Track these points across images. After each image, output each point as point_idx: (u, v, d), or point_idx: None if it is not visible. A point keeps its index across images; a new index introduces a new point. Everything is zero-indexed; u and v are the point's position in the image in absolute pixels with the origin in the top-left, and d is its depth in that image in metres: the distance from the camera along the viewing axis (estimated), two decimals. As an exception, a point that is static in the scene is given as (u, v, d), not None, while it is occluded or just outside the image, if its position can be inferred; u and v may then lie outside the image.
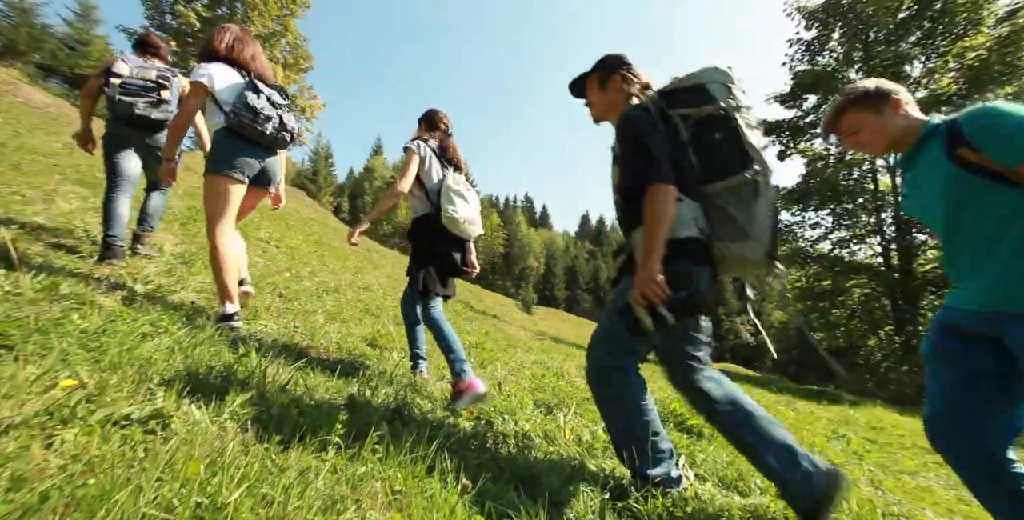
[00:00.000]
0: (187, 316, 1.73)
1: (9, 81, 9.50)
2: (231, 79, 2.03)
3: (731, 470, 1.66)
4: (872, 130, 1.26)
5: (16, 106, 7.84)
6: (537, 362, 4.21)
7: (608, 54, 1.54)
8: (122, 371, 1.03)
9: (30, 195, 3.31)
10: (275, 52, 19.59)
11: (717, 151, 1.34)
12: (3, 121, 6.06)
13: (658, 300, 1.18)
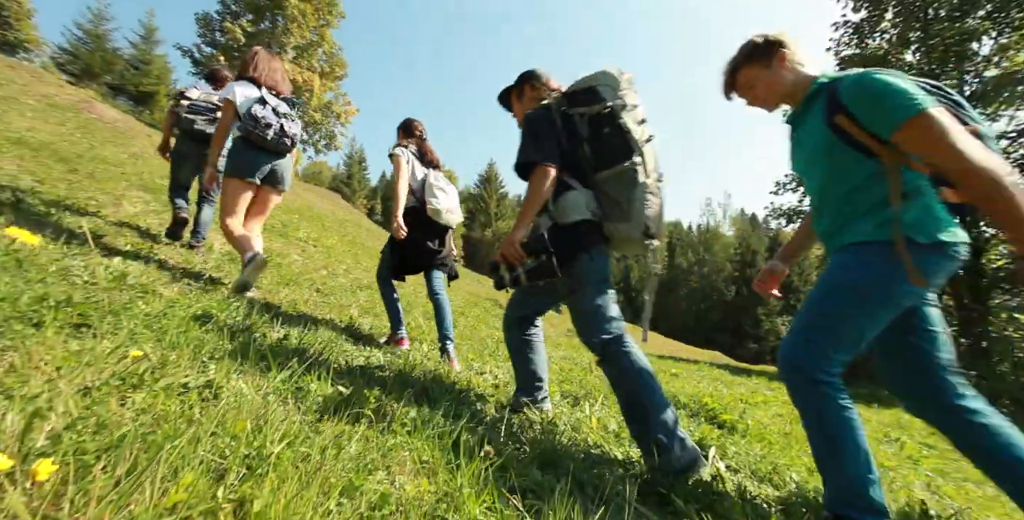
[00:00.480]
0: (234, 306, 1.87)
1: (85, 100, 10.48)
2: (248, 94, 2.38)
3: (764, 463, 1.61)
4: (765, 84, 1.30)
5: (91, 122, 8.64)
6: (565, 357, 4.21)
7: (523, 71, 1.80)
8: (180, 349, 1.14)
9: (103, 199, 3.66)
10: (312, 61, 20.53)
11: (606, 144, 1.51)
12: (81, 136, 6.70)
13: (515, 262, 1.42)
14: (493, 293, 11.91)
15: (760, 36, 1.31)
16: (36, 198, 2.89)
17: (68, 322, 1.09)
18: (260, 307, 2.06)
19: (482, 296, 10.12)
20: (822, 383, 1.10)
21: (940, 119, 0.97)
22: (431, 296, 2.61)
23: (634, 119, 1.51)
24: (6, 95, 7.44)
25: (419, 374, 1.80)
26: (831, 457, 1.10)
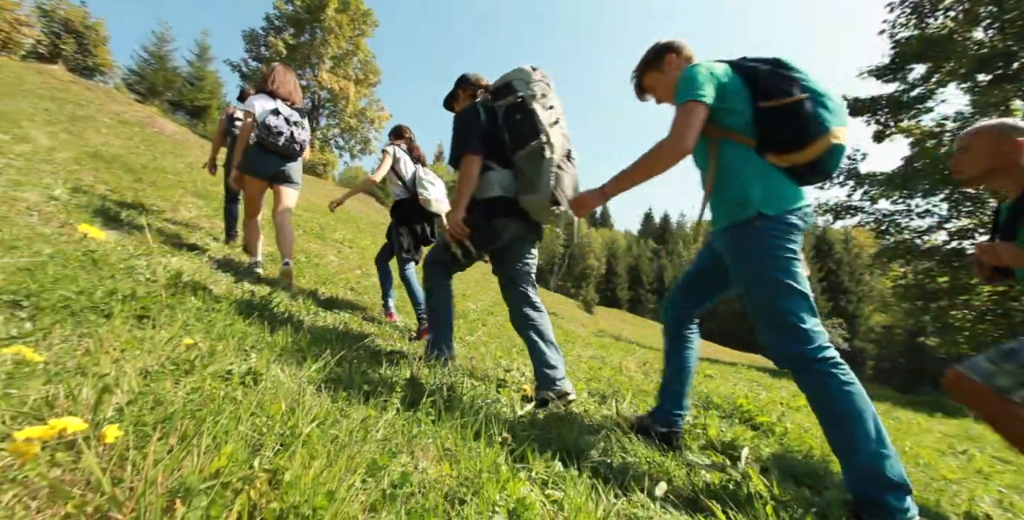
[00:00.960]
0: (275, 302, 1.99)
1: (149, 116, 11.44)
2: (265, 106, 2.75)
3: (803, 467, 1.54)
4: (663, 86, 1.49)
5: (154, 136, 9.43)
6: (595, 357, 4.16)
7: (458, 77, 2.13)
8: (226, 339, 1.24)
9: (162, 205, 3.99)
10: (348, 70, 21.40)
11: (519, 128, 1.75)
12: (145, 148, 7.33)
13: (463, 237, 1.74)
14: (523, 293, 11.97)
15: (653, 45, 1.52)
16: (109, 204, 3.19)
17: (132, 314, 1.21)
18: (297, 304, 2.18)
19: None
20: (815, 361, 1.15)
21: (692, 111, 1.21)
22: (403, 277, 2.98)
23: (543, 106, 1.77)
24: (85, 115, 8.23)
25: (448, 368, 1.85)
26: (842, 437, 1.11)
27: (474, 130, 1.78)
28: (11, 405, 0.60)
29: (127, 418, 0.59)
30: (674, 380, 1.63)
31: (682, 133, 1.21)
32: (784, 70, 1.26)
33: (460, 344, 2.87)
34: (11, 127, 4.82)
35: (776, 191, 1.24)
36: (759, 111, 1.25)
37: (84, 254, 1.73)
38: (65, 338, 0.93)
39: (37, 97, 7.85)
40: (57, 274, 1.32)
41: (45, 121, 6.19)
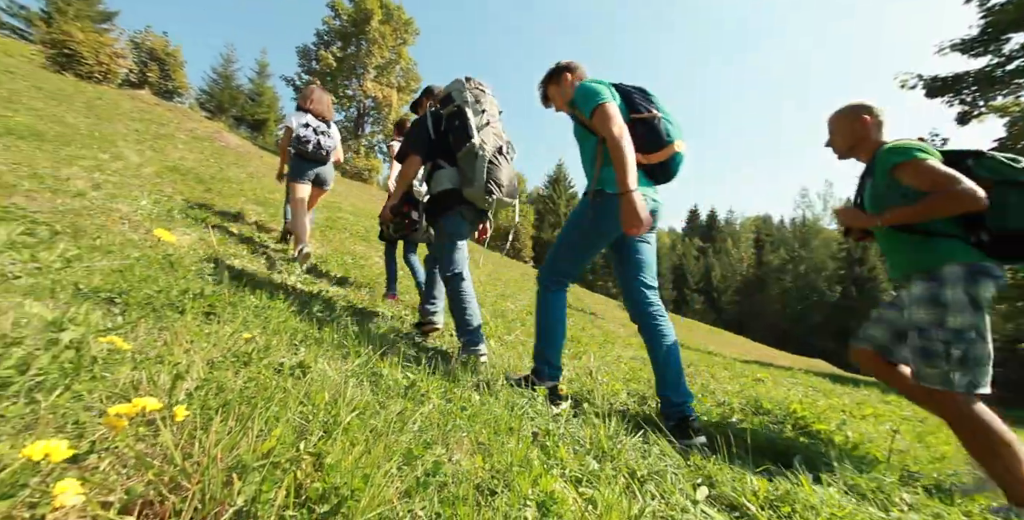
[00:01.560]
0: (323, 301, 2.12)
1: (217, 130, 12.58)
2: (300, 121, 3.27)
3: (865, 480, 1.42)
4: (560, 98, 1.91)
5: (220, 149, 10.34)
6: (635, 358, 4.05)
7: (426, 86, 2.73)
8: (280, 335, 1.34)
9: (228, 212, 4.37)
10: (391, 78, 22.29)
11: (458, 132, 2.07)
12: (213, 161, 8.07)
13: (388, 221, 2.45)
14: (562, 293, 11.89)
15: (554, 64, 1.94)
16: (184, 213, 3.55)
17: (201, 310, 1.35)
18: (343, 303, 2.31)
19: None
20: (548, 291, 1.77)
21: (608, 110, 1.55)
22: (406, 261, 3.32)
23: (475, 111, 2.08)
24: (166, 133, 9.18)
25: (483, 368, 1.89)
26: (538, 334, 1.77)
27: (421, 137, 2.18)
28: (106, 386, 0.70)
29: (195, 401, 0.67)
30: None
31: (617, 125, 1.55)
32: (646, 95, 1.72)
33: (498, 343, 2.91)
34: (109, 147, 5.47)
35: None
36: (630, 121, 1.64)
37: (164, 257, 1.94)
38: (148, 331, 1.06)
39: (130, 119, 8.84)
40: (142, 275, 1.49)
41: (135, 140, 6.97)
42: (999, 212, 1.41)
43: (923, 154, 1.49)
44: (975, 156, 1.52)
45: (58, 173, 3.41)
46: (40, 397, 0.57)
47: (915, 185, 1.49)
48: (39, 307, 0.88)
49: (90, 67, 12.27)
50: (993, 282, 1.42)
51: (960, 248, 1.47)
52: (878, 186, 1.61)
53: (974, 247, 1.47)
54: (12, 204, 2.14)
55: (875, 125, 1.68)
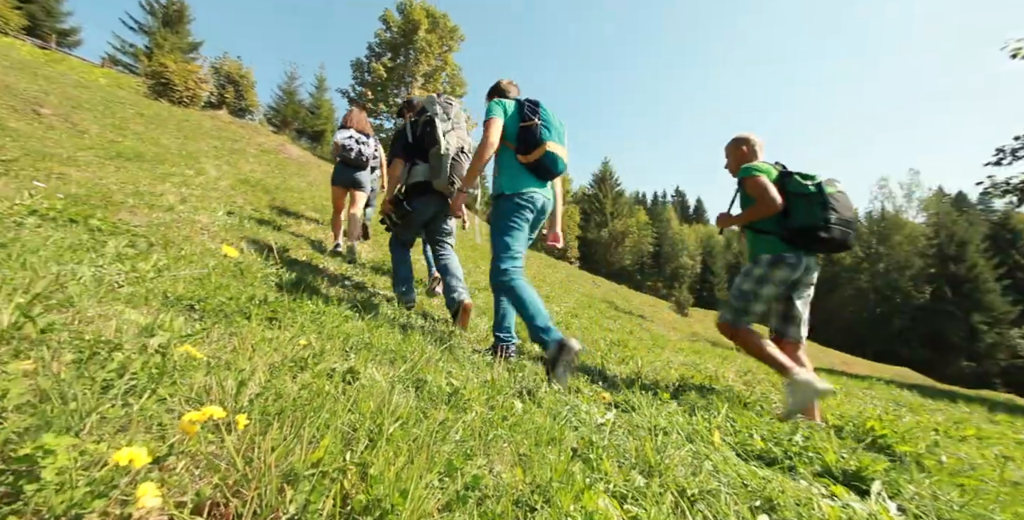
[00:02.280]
0: (373, 306, 2.23)
1: (281, 143, 13.67)
2: (344, 135, 4.08)
3: (962, 514, 1.24)
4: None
5: (284, 160, 11.22)
6: (686, 364, 3.85)
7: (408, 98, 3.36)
8: (333, 340, 1.43)
9: (289, 220, 4.73)
10: (437, 85, 22.98)
11: (428, 137, 2.66)
12: (277, 172, 8.79)
13: (390, 213, 2.76)
14: (609, 295, 11.59)
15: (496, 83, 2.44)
16: (252, 222, 3.90)
17: (265, 316, 1.47)
18: (392, 308, 2.41)
19: (597, 298, 9.91)
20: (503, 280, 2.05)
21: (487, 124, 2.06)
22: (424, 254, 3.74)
23: (442, 120, 2.68)
24: (239, 148, 10.13)
25: (528, 374, 1.89)
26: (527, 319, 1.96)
27: (401, 143, 2.78)
28: (183, 391, 0.78)
29: (256, 407, 0.73)
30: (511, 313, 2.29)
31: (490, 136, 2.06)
32: (536, 106, 2.12)
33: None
34: (194, 163, 6.12)
35: (512, 183, 2.14)
36: (519, 129, 2.11)
37: (235, 266, 2.14)
38: (220, 335, 1.17)
39: (210, 137, 9.85)
40: (217, 283, 1.66)
41: (214, 156, 7.75)
42: (796, 214, 2.07)
43: (758, 172, 2.12)
44: (788, 175, 2.15)
45: (154, 189, 3.87)
46: (132, 401, 0.66)
47: (749, 194, 2.14)
48: (135, 314, 1.00)
49: (180, 93, 13.86)
50: (787, 267, 2.11)
51: (775, 243, 2.14)
52: (740, 195, 2.29)
53: (784, 241, 2.12)
54: (119, 220, 2.46)
55: (751, 152, 2.33)
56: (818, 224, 1.98)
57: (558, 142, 2.11)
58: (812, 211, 2.02)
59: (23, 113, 5.10)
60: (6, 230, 1.65)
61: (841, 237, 2.02)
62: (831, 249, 2.09)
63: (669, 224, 57.74)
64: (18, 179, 2.73)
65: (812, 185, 2.05)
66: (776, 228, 2.12)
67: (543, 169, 2.09)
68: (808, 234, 2.02)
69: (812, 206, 2.02)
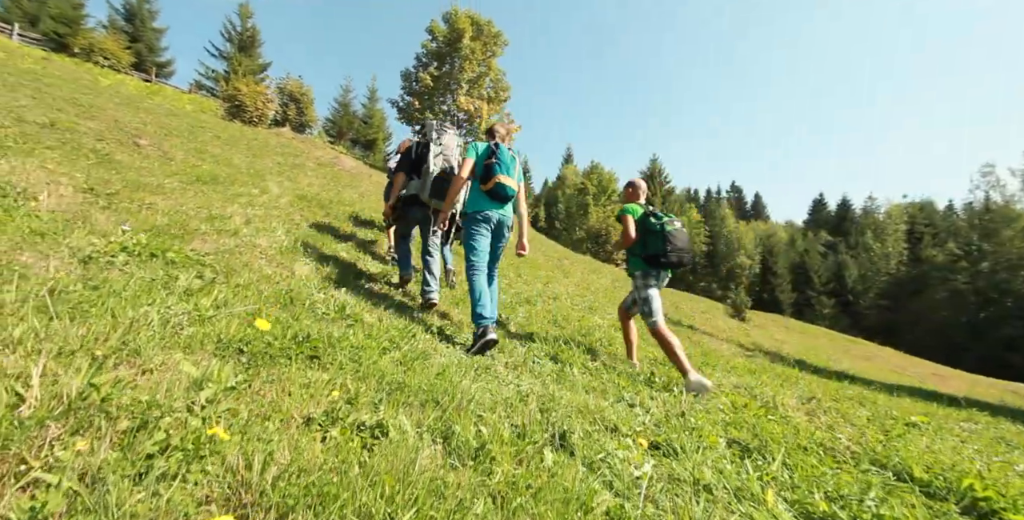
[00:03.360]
0: (412, 334, 2.28)
1: (336, 155, 14.57)
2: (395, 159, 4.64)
3: None
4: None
5: (338, 173, 11.94)
6: (739, 386, 3.57)
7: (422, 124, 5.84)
8: (368, 380, 1.47)
9: (338, 233, 4.99)
10: (481, 90, 23.34)
11: (422, 158, 3.39)
12: (332, 184, 9.36)
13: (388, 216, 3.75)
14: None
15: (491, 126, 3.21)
16: (306, 242, 4.16)
17: (306, 355, 1.55)
18: (430, 336, 2.45)
19: None
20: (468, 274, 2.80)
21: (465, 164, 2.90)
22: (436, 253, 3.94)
23: (435, 143, 3.34)
24: (299, 162, 10.91)
25: (563, 409, 1.83)
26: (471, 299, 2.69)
27: (405, 160, 3.50)
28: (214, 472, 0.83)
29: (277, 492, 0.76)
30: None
31: (462, 172, 2.90)
32: (496, 148, 2.90)
33: (581, 370, 2.82)
34: (259, 182, 6.67)
35: (474, 204, 2.92)
36: (484, 165, 2.85)
37: (285, 293, 2.29)
38: (262, 385, 1.25)
39: (274, 154, 10.69)
40: (268, 318, 1.78)
41: (277, 172, 8.40)
42: (643, 244, 3.10)
43: (626, 212, 3.23)
44: (648, 215, 3.14)
45: (224, 211, 4.26)
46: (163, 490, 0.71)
47: (621, 228, 3.22)
48: (189, 366, 1.09)
49: (251, 113, 15.23)
50: (652, 277, 3.11)
51: (639, 263, 3.14)
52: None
53: (644, 262, 3.10)
54: (192, 250, 2.73)
55: (635, 194, 3.43)
56: (659, 253, 3.01)
57: (508, 175, 2.85)
58: (657, 244, 3.03)
59: (127, 145, 5.80)
60: (100, 270, 1.88)
61: (677, 260, 3.02)
62: (673, 267, 3.10)
63: (724, 222, 54.35)
64: (117, 212, 3.11)
65: (658, 225, 3.05)
66: (640, 252, 3.15)
67: (497, 195, 2.83)
68: (655, 258, 3.05)
69: (657, 240, 3.04)
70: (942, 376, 26.40)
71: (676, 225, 3.06)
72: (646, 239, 3.08)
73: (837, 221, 61.86)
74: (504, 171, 2.83)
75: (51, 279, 1.55)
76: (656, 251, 3.01)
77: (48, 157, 4.05)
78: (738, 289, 35.88)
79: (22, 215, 2.19)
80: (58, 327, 1.17)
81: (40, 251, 1.86)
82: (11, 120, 4.98)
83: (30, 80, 8.26)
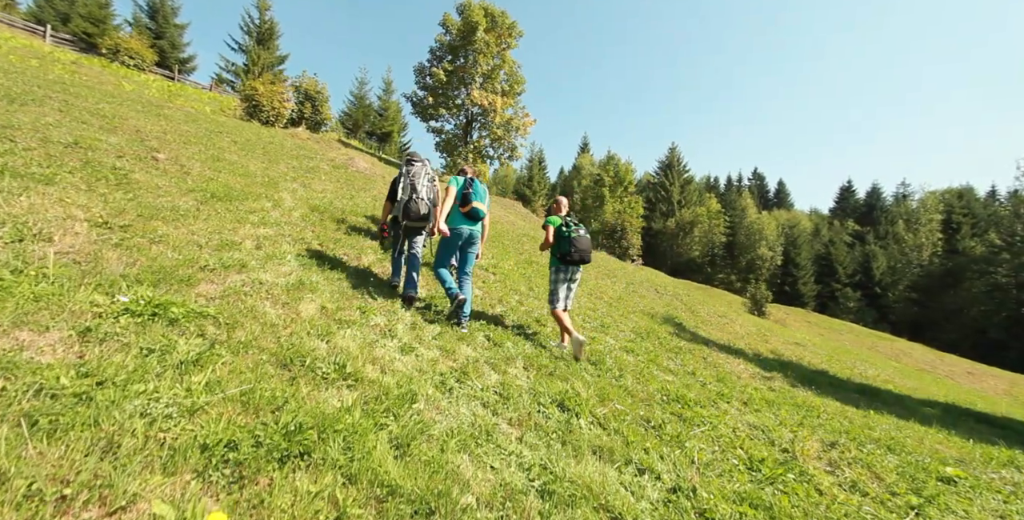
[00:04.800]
0: (412, 398, 2.23)
1: (351, 156, 14.57)
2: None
3: None
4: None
5: (352, 175, 11.94)
6: (756, 428, 3.42)
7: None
8: (359, 483, 1.42)
9: (351, 253, 4.95)
10: (495, 84, 22.93)
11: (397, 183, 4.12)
12: (346, 189, 9.36)
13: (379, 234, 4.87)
14: (673, 306, 10.85)
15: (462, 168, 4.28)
16: (317, 263, 4.11)
17: (297, 452, 1.51)
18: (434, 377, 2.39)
19: (658, 315, 8.77)
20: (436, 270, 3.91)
21: (449, 191, 3.88)
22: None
23: (404, 175, 4.01)
24: (313, 165, 10.93)
25: (565, 493, 1.75)
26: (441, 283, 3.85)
27: (392, 190, 4.15)
28: None
29: None
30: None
31: (448, 198, 3.83)
32: (471, 181, 3.94)
33: (588, 421, 2.73)
34: (273, 192, 6.66)
35: (453, 221, 3.87)
36: (462, 193, 3.87)
37: (286, 350, 2.26)
38: (246, 509, 1.21)
39: (289, 157, 10.73)
40: (261, 396, 1.74)
41: (292, 178, 8.42)
42: (558, 246, 4.14)
43: (548, 223, 4.26)
44: (563, 225, 4.16)
45: (235, 234, 4.26)
46: None
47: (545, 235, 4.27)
48: (160, 505, 1.06)
49: (267, 113, 15.36)
50: (561, 271, 4.16)
51: (554, 260, 4.20)
52: None
53: (557, 259, 4.16)
54: (198, 296, 2.72)
55: (558, 208, 4.42)
56: (567, 253, 4.08)
57: (480, 201, 3.89)
58: (564, 246, 4.11)
59: (145, 161, 5.85)
60: (98, 343, 1.87)
61: (579, 258, 4.07)
62: (575, 263, 4.13)
63: (745, 212, 52.68)
64: (129, 250, 3.12)
65: (567, 232, 4.12)
66: (556, 252, 4.20)
67: (472, 216, 3.86)
68: (564, 257, 4.11)
69: (564, 243, 4.10)
70: (977, 374, 25.20)
71: (580, 232, 4.14)
72: (559, 243, 4.15)
73: (866, 210, 59.15)
74: (479, 199, 3.88)
75: (43, 369, 1.54)
76: (564, 251, 4.09)
77: (69, 182, 4.10)
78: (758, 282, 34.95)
79: (31, 278, 2.20)
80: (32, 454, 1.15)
81: (40, 324, 1.86)
82: (37, 141, 5.08)
83: (59, 91, 8.44)
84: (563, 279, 4.14)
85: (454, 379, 2.76)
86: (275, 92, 15.73)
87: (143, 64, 18.67)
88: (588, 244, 4.11)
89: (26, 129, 5.33)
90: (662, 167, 57.06)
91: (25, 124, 5.48)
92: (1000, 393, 20.62)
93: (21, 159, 4.30)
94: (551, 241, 4.18)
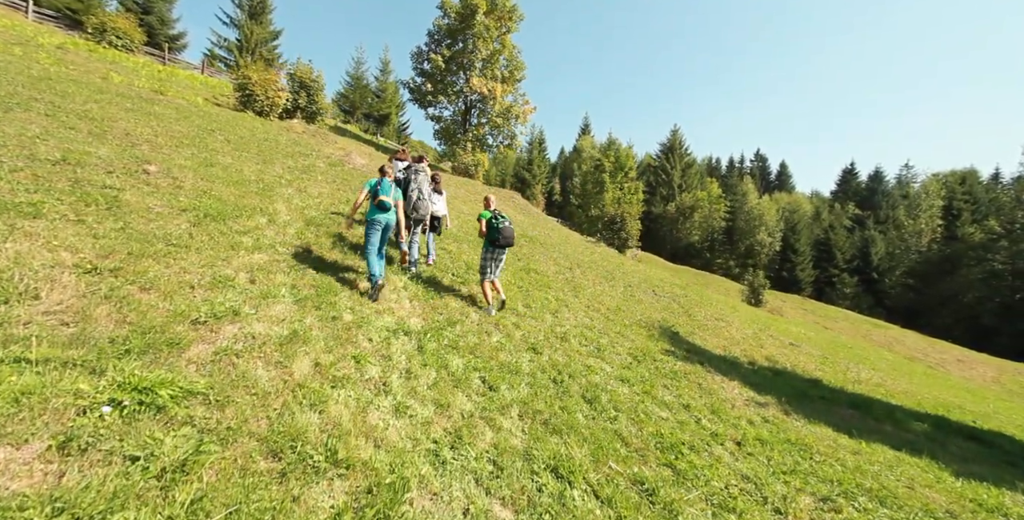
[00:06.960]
0: (405, 486, 2.21)
1: (347, 151, 14.21)
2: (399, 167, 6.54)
3: None
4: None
5: (349, 173, 11.67)
6: (748, 479, 3.46)
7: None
8: None
9: (350, 278, 4.87)
10: (495, 70, 22.16)
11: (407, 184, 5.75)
12: (342, 191, 9.13)
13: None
14: (670, 310, 10.86)
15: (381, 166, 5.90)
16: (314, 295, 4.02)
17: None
18: (427, 453, 2.38)
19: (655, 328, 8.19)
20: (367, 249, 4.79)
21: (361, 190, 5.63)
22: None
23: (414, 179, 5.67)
24: (309, 164, 10.62)
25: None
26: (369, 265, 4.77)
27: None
28: None
29: None
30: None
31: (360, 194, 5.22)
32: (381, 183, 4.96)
33: (582, 491, 2.74)
34: (268, 204, 6.43)
35: (371, 212, 4.83)
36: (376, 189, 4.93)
37: (278, 435, 2.23)
38: None
39: (284, 156, 10.41)
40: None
41: (287, 181, 8.17)
42: (489, 234, 5.50)
43: (482, 216, 5.56)
44: (493, 217, 5.52)
45: (228, 266, 4.17)
46: None
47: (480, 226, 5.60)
48: None
49: (261, 103, 14.88)
50: (491, 251, 5.57)
51: (486, 244, 5.55)
52: None
53: (489, 243, 5.51)
54: (189, 363, 2.68)
55: (488, 203, 5.70)
56: (494, 239, 5.38)
57: (388, 195, 4.77)
58: (493, 234, 5.39)
59: (136, 176, 5.60)
60: (78, 455, 1.83)
61: (505, 243, 5.41)
62: (501, 247, 5.47)
63: (745, 198, 52.11)
64: (118, 304, 3.03)
65: (496, 223, 5.42)
66: (488, 238, 5.45)
67: (383, 208, 4.73)
68: (493, 241, 5.40)
69: (494, 231, 5.39)
70: (967, 361, 25.58)
71: (505, 223, 5.44)
72: (490, 231, 5.42)
73: (868, 193, 58.47)
74: (386, 193, 4.80)
75: (14, 511, 1.51)
76: (494, 238, 5.38)
77: (57, 212, 3.95)
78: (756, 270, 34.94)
79: (11, 370, 2.15)
80: None
81: (19, 436, 1.83)
82: (24, 159, 4.88)
83: (45, 90, 8.09)
84: (492, 258, 5.51)
85: (448, 446, 2.76)
86: (269, 80, 15.20)
87: (131, 45, 17.92)
88: (512, 233, 5.45)
89: (12, 145, 5.11)
90: (663, 150, 56.04)
91: (11, 138, 5.25)
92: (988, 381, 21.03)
93: (8, 184, 4.14)
94: (485, 231, 5.49)
